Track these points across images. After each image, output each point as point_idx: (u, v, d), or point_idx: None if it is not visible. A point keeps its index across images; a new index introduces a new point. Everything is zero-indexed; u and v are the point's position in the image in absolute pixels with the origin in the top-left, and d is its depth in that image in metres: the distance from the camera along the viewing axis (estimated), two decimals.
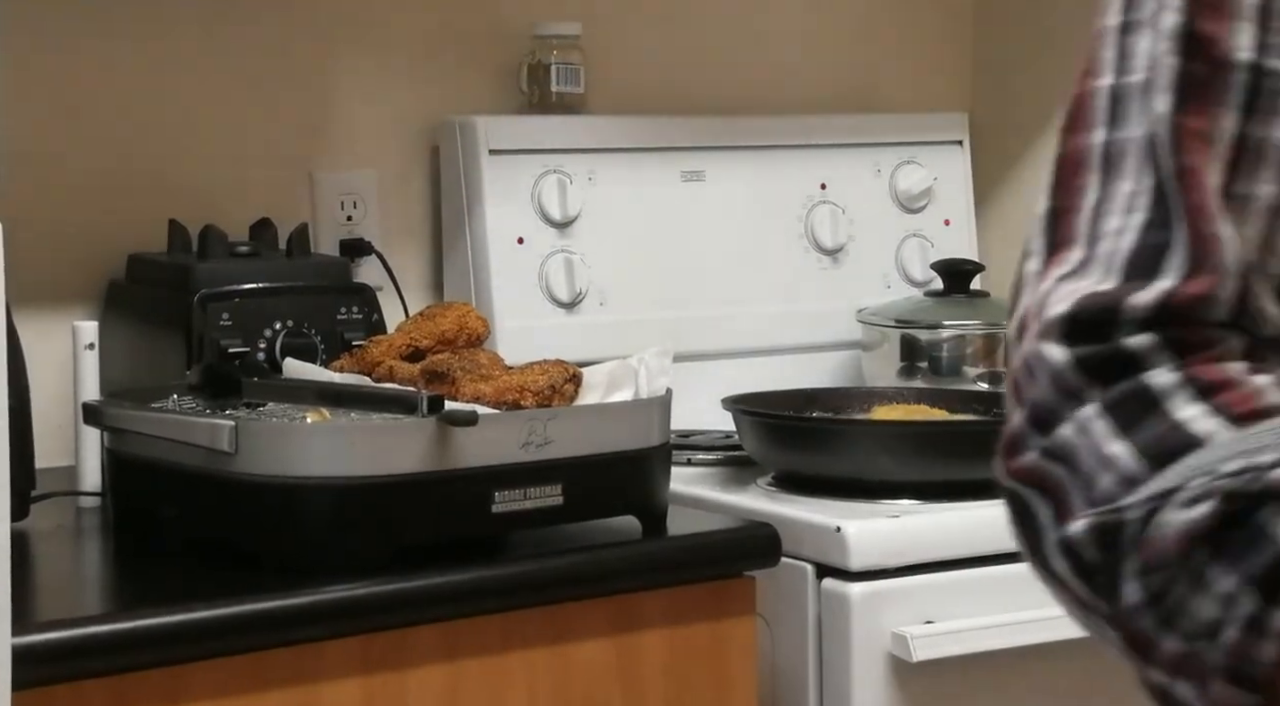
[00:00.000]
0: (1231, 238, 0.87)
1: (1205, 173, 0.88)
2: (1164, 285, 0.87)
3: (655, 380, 1.88)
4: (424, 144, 2.46)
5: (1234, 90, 0.89)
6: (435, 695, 1.72)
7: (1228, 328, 0.87)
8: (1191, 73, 0.90)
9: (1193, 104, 0.89)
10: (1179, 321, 0.87)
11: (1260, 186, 0.88)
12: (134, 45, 2.27)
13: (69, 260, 2.22)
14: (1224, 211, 0.87)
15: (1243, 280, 0.87)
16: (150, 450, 1.78)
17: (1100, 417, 0.86)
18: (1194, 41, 0.90)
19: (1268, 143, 0.88)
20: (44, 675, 1.53)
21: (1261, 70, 0.89)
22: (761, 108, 2.67)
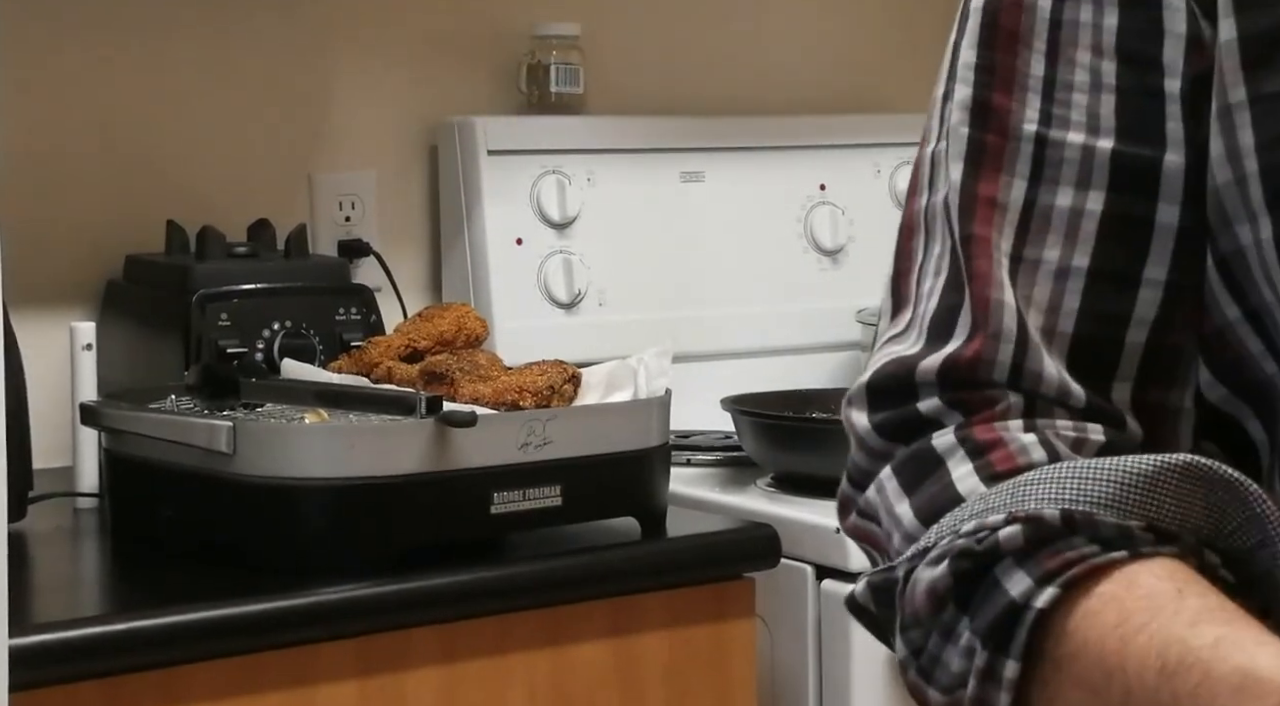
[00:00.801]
0: (1008, 302, 0.92)
1: (991, 238, 0.93)
2: (948, 349, 0.92)
3: (654, 381, 1.87)
4: (423, 144, 2.45)
5: (1021, 159, 0.94)
6: (433, 696, 1.71)
7: (1006, 387, 0.91)
8: (982, 142, 0.95)
9: (984, 171, 0.94)
10: (961, 383, 0.92)
11: (1046, 251, 0.93)
12: (132, 46, 2.27)
13: (67, 261, 2.21)
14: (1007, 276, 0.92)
15: (1020, 342, 0.91)
16: (148, 451, 1.78)
17: (891, 479, 0.93)
18: (984, 112, 0.96)
19: (1053, 209, 0.93)
20: (41, 676, 1.52)
21: (1046, 140, 0.94)
22: (761, 108, 2.67)
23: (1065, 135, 0.94)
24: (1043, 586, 0.82)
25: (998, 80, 0.97)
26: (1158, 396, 0.93)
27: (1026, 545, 0.84)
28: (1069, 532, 0.83)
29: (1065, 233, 0.93)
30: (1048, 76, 0.95)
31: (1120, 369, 0.93)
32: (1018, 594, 0.83)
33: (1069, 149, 0.94)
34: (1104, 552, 0.83)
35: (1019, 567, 0.83)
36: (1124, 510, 0.84)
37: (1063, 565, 0.83)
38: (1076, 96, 0.94)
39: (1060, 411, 0.92)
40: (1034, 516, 0.84)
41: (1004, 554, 0.84)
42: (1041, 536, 0.84)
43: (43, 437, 1.94)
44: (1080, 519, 0.83)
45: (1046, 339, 0.92)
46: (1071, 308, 0.92)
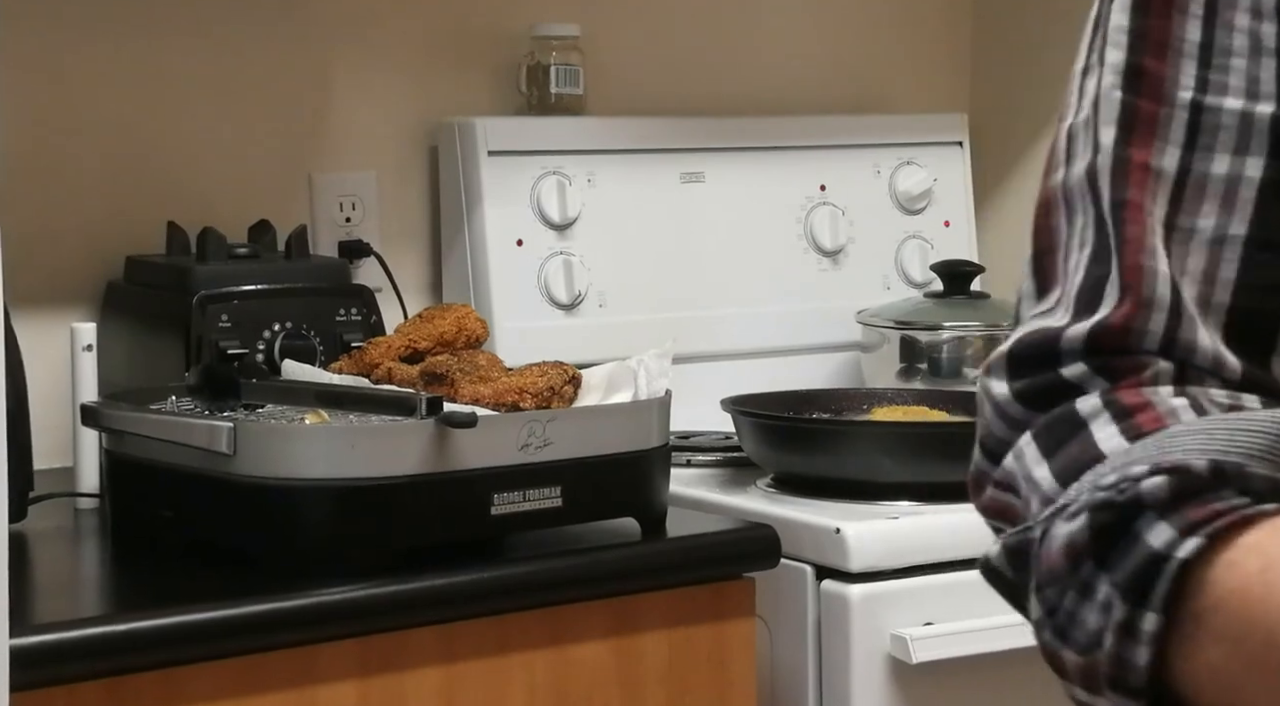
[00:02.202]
0: (1161, 270, 0.89)
1: (1144, 204, 0.91)
2: (1097, 317, 0.89)
3: (654, 381, 1.87)
4: (423, 145, 2.45)
5: (1176, 126, 0.91)
6: (433, 696, 1.71)
7: (1157, 356, 0.89)
8: (1136, 107, 0.92)
9: (1137, 137, 0.92)
10: (1109, 350, 0.89)
11: (1201, 220, 0.90)
12: (133, 47, 2.27)
13: (67, 262, 2.21)
14: (1161, 243, 0.90)
15: (1174, 311, 0.89)
16: (148, 451, 1.78)
17: (1031, 443, 0.89)
18: (1139, 77, 0.93)
19: (1209, 177, 0.90)
20: (42, 676, 1.52)
21: (1202, 107, 0.91)
22: (761, 109, 2.67)
23: (1223, 101, 0.91)
24: (1187, 537, 0.79)
25: (1150, 44, 0.93)
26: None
27: (1171, 497, 0.80)
28: (1217, 484, 0.80)
29: (1222, 200, 0.90)
30: (1204, 41, 0.92)
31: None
32: (1160, 545, 0.80)
33: (1226, 115, 0.91)
34: (1254, 504, 0.79)
35: (1162, 519, 0.80)
36: (1275, 463, 0.81)
37: (1210, 516, 0.79)
38: (1235, 61, 0.91)
39: (1214, 381, 0.88)
40: (1180, 466, 0.81)
41: (1147, 506, 0.81)
42: (1188, 488, 0.80)
43: (43, 438, 1.95)
44: (1230, 470, 0.80)
45: (1202, 309, 0.89)
46: (1228, 277, 0.90)
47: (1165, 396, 0.87)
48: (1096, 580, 0.82)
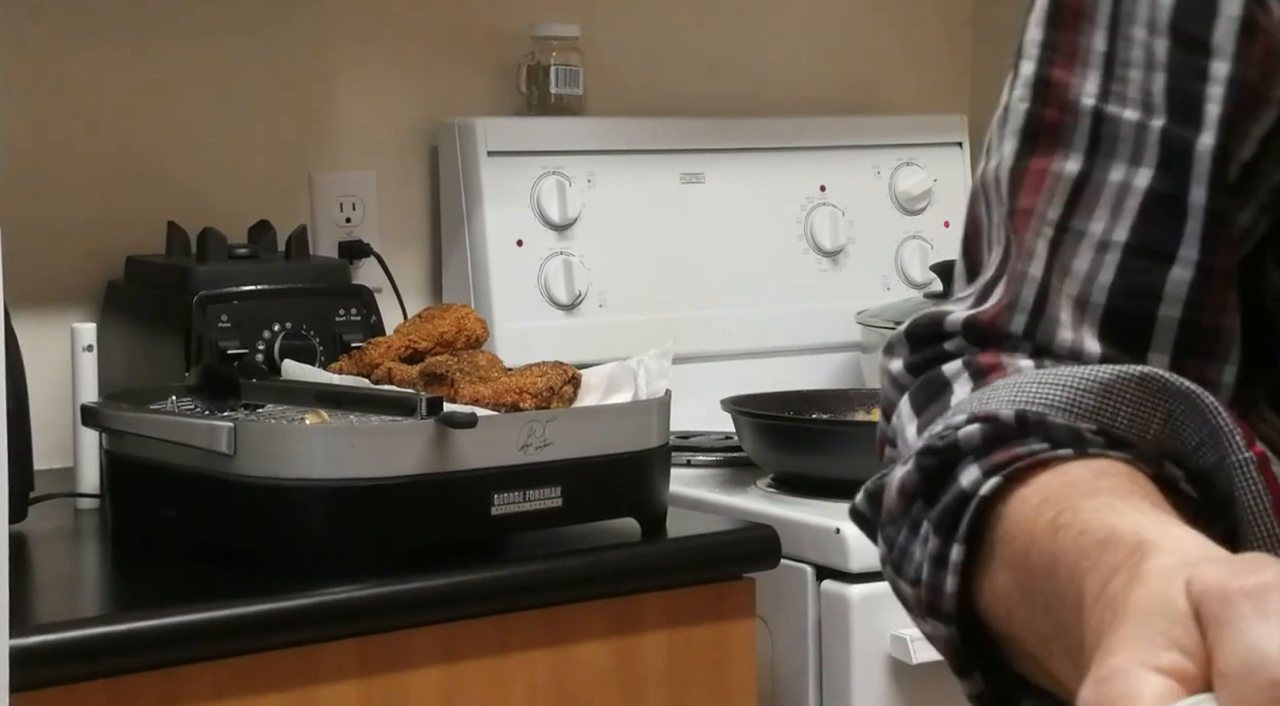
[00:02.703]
0: (1031, 274, 0.96)
1: (1034, 209, 0.97)
2: (975, 310, 0.98)
3: (654, 382, 1.87)
4: (423, 145, 2.45)
5: (1079, 133, 0.96)
6: (434, 696, 1.71)
7: (1020, 340, 0.97)
8: (1041, 116, 0.98)
9: (1040, 144, 0.98)
10: (979, 338, 0.98)
11: (1092, 224, 0.95)
12: (133, 47, 2.27)
13: (68, 262, 2.21)
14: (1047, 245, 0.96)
15: (1035, 313, 0.96)
16: (149, 452, 1.78)
17: (906, 403, 0.99)
18: (1045, 87, 0.98)
19: (1104, 184, 0.95)
20: (42, 677, 1.52)
21: (1103, 115, 0.96)
22: (761, 109, 2.67)
23: (1121, 111, 0.96)
24: (989, 477, 0.85)
25: (1060, 56, 0.98)
26: (1196, 370, 0.94)
27: (983, 442, 0.87)
28: (1023, 432, 0.87)
29: (1112, 207, 0.95)
30: (1108, 52, 0.96)
31: (1155, 342, 0.95)
32: (967, 484, 0.86)
33: (1124, 126, 0.95)
34: (1051, 450, 0.86)
35: (974, 463, 0.87)
36: (1076, 414, 0.87)
37: (1010, 459, 0.86)
38: (1133, 73, 0.96)
39: (1069, 362, 0.94)
40: (991, 415, 0.87)
41: (964, 451, 0.87)
42: (997, 435, 0.87)
43: (43, 438, 1.95)
44: (1033, 419, 0.86)
45: (1080, 308, 0.95)
46: (1105, 280, 0.95)
47: (1015, 359, 0.95)
48: (923, 517, 0.89)
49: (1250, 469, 0.85)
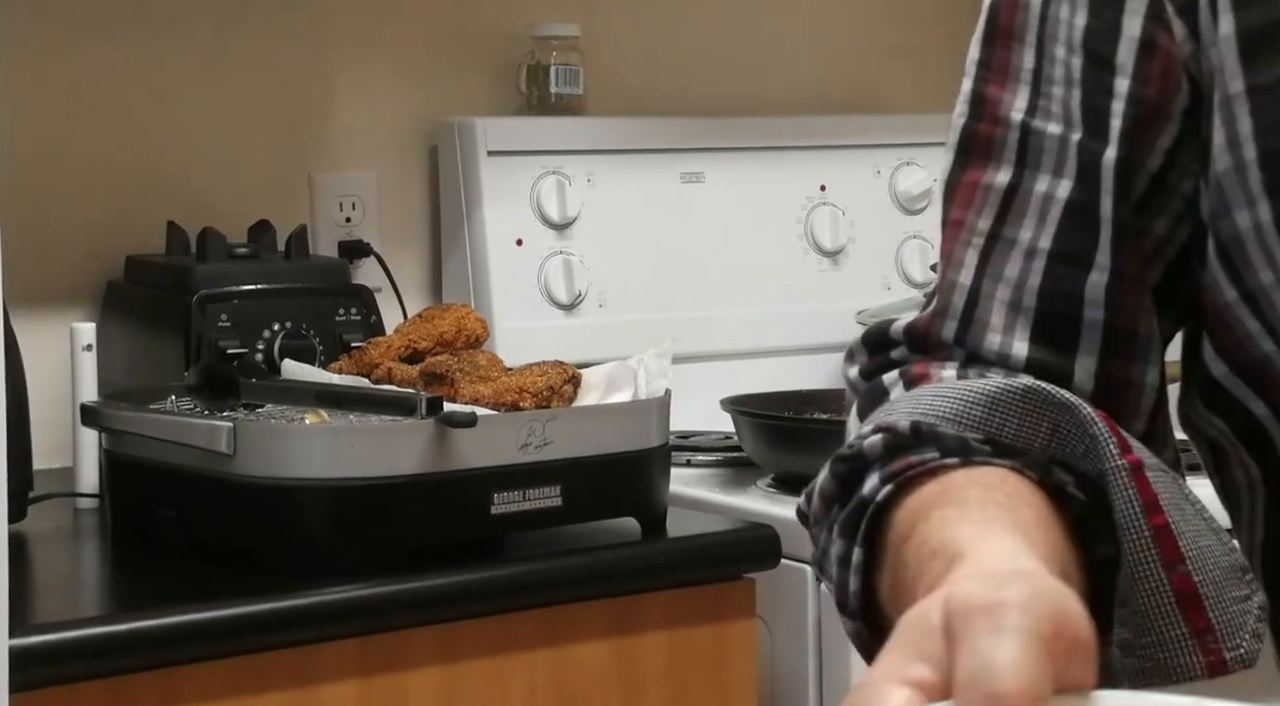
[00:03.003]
0: (961, 282, 1.02)
1: (965, 220, 1.03)
2: (914, 317, 1.05)
3: (654, 381, 1.87)
4: (423, 145, 2.45)
5: (1009, 146, 1.03)
6: (434, 696, 1.71)
7: (952, 347, 1.03)
8: (974, 130, 1.05)
9: (974, 157, 1.04)
10: (917, 343, 1.04)
11: (1021, 233, 1.01)
12: (133, 47, 2.27)
13: (67, 261, 2.21)
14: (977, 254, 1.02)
15: (964, 319, 1.02)
16: (148, 451, 1.78)
17: (854, 411, 1.05)
18: (980, 103, 1.05)
19: (1031, 194, 1.01)
20: (41, 677, 1.52)
21: (1030, 129, 1.02)
22: (761, 108, 2.67)
23: (1046, 125, 1.02)
24: (885, 485, 0.91)
25: (993, 73, 1.05)
26: (1122, 371, 1.00)
27: (885, 451, 0.93)
28: (918, 442, 0.92)
29: (1037, 216, 1.01)
30: (1035, 68, 1.03)
31: (1082, 344, 1.00)
32: (867, 491, 0.92)
33: (1048, 139, 1.02)
34: (940, 459, 0.91)
35: (876, 471, 0.93)
36: (964, 424, 0.92)
37: (904, 468, 0.91)
38: (1055, 89, 1.02)
39: (997, 371, 1.01)
40: (889, 426, 0.93)
41: (869, 459, 0.94)
42: (897, 443, 0.93)
43: (43, 438, 1.95)
44: (926, 430, 0.92)
45: (1012, 312, 1.01)
46: (1034, 285, 1.01)
47: (943, 369, 1.01)
48: (836, 521, 0.95)
49: (1123, 475, 0.89)
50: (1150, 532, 0.88)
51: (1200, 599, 0.88)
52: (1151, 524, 0.88)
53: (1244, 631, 0.88)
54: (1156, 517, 0.88)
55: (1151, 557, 0.88)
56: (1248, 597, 0.89)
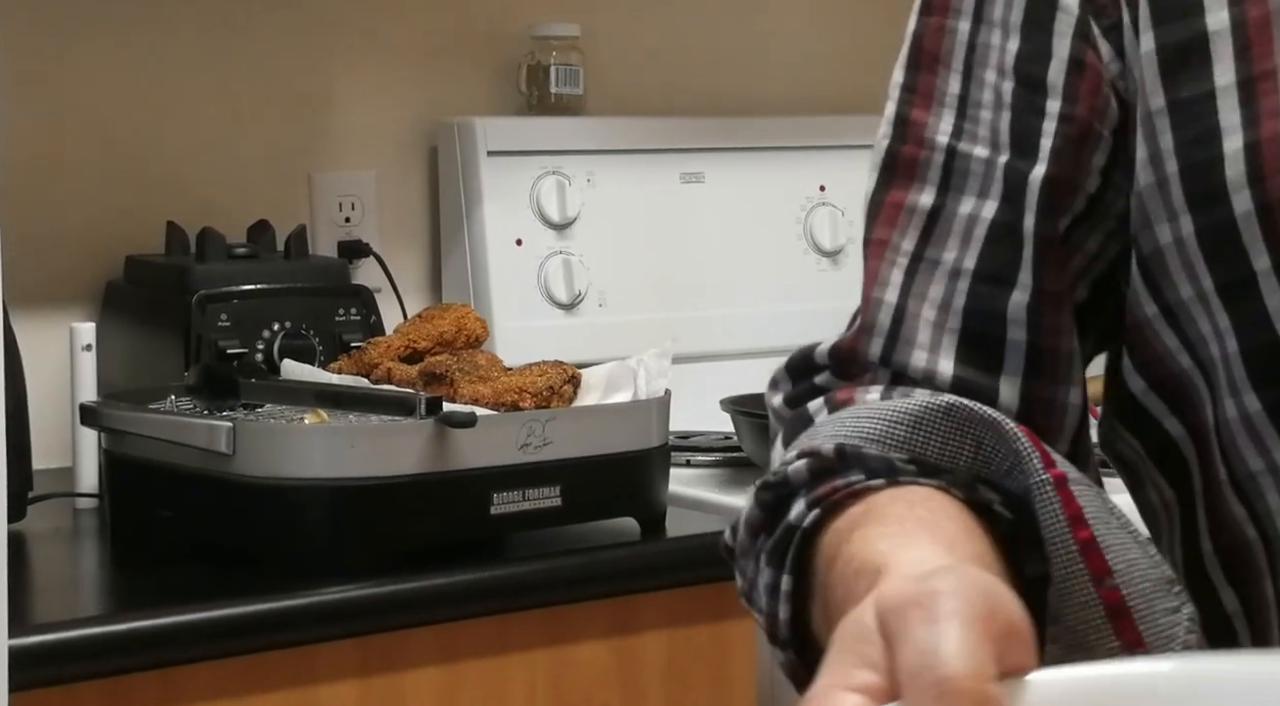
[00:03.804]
0: (887, 300, 1.02)
1: (890, 240, 1.04)
2: (838, 338, 1.05)
3: (654, 381, 1.87)
4: (422, 145, 2.45)
5: (933, 168, 1.03)
6: (433, 696, 1.71)
7: (877, 367, 1.02)
8: (898, 152, 1.05)
9: (897, 178, 1.05)
10: (843, 364, 1.03)
11: (945, 253, 1.02)
12: (132, 47, 2.27)
13: (67, 261, 2.21)
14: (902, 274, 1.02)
15: (890, 336, 1.02)
16: (148, 451, 1.78)
17: (778, 438, 1.04)
18: (904, 126, 1.06)
19: (955, 215, 1.02)
20: (40, 677, 1.52)
21: (955, 152, 1.03)
22: (761, 109, 2.67)
23: (972, 148, 1.02)
24: (811, 510, 0.90)
25: (918, 97, 1.06)
26: (1045, 391, 1.00)
27: (810, 476, 0.92)
28: (843, 465, 0.91)
29: (962, 237, 1.01)
30: (961, 93, 1.04)
31: (1006, 364, 1.00)
32: (793, 517, 0.91)
33: (974, 162, 1.02)
34: (865, 481, 0.90)
35: (802, 497, 0.91)
36: (888, 445, 0.92)
37: (829, 492, 0.90)
38: (983, 113, 1.03)
39: (923, 388, 1.00)
40: (813, 451, 0.92)
41: (794, 486, 0.92)
42: (822, 467, 0.92)
43: (43, 438, 1.95)
44: (850, 452, 0.91)
45: (938, 332, 1.01)
46: (959, 305, 1.01)
47: (866, 393, 1.01)
48: (763, 550, 0.93)
49: (1048, 489, 0.89)
50: (1077, 546, 0.88)
51: (1129, 611, 0.87)
52: (1078, 537, 0.88)
53: (1174, 642, 0.87)
54: (1082, 531, 0.88)
55: (1079, 571, 0.88)
56: (1177, 609, 0.88)
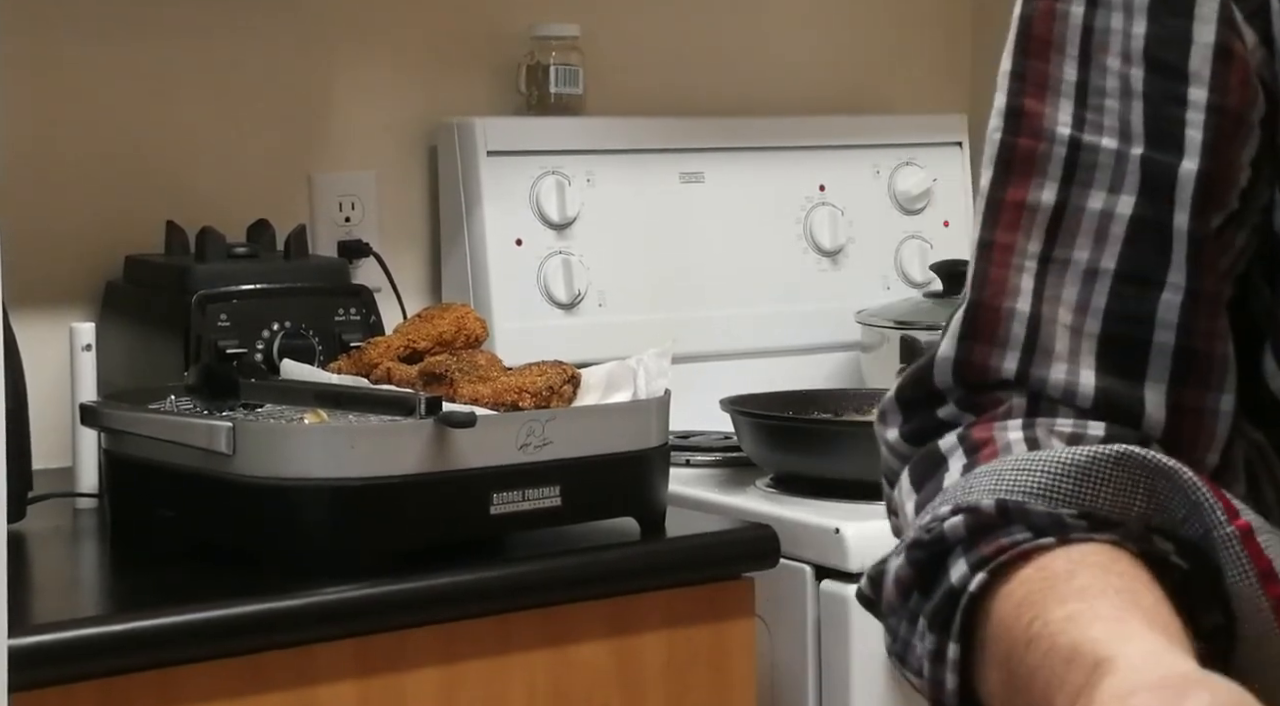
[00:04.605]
0: (1019, 310, 0.96)
1: (1014, 244, 0.97)
2: (959, 355, 0.97)
3: (654, 381, 1.87)
4: (422, 145, 2.45)
5: (1054, 161, 0.97)
6: (433, 696, 1.71)
7: (1014, 388, 0.95)
8: (1015, 146, 0.98)
9: (1014, 175, 0.98)
10: (972, 386, 0.96)
11: (1076, 252, 0.95)
12: (132, 47, 2.27)
13: (66, 261, 2.21)
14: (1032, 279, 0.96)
15: (1027, 349, 0.95)
16: (147, 451, 1.78)
17: (905, 477, 0.98)
18: (1017, 117, 0.99)
19: (1084, 211, 0.95)
20: (40, 677, 1.52)
21: (1080, 144, 0.96)
22: (761, 108, 2.67)
23: (1099, 140, 0.96)
24: (976, 572, 0.86)
25: (1030, 86, 0.99)
26: (1194, 399, 0.95)
27: (968, 534, 0.87)
28: (1006, 522, 0.87)
29: (1095, 235, 0.95)
30: (1080, 81, 0.97)
31: (1151, 369, 0.94)
32: (956, 580, 0.87)
33: (1102, 153, 0.96)
34: (1034, 539, 0.86)
35: (962, 556, 0.87)
36: (1055, 499, 0.87)
37: (995, 552, 0.86)
38: (1108, 102, 0.96)
39: (1065, 410, 0.94)
40: (972, 506, 0.88)
41: (950, 543, 0.88)
42: (981, 525, 0.87)
43: (42, 438, 1.94)
44: (1013, 508, 0.87)
45: (1075, 337, 0.95)
46: (1099, 307, 0.95)
47: (1008, 431, 0.94)
48: (919, 610, 0.90)
49: (1234, 544, 0.85)
50: (1270, 603, 0.85)
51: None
52: (1270, 595, 0.85)
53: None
54: (1274, 587, 0.85)
55: (1273, 630, 0.84)
56: None
